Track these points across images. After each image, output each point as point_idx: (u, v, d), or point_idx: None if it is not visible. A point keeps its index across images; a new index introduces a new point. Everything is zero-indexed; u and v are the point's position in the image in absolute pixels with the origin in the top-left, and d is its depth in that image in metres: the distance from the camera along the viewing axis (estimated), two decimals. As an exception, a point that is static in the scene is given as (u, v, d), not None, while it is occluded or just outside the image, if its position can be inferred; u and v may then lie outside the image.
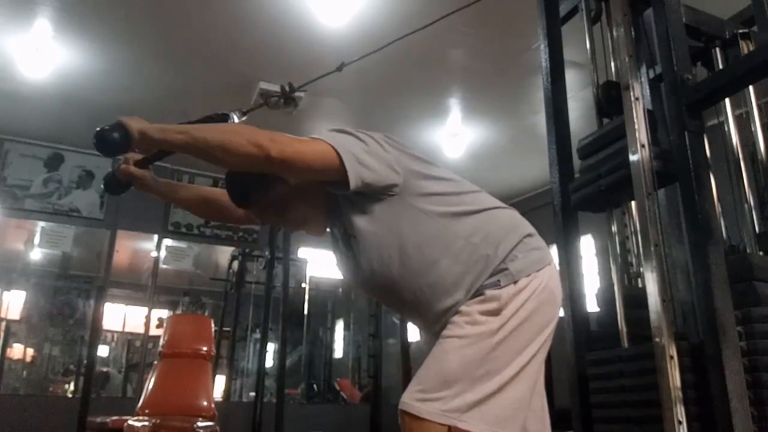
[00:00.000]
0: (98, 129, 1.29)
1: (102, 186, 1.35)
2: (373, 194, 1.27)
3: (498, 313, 1.22)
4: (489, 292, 1.24)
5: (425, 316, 1.33)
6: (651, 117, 1.82)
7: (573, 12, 2.32)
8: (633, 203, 1.98)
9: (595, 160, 1.98)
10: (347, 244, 1.35)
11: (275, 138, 1.22)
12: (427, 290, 1.28)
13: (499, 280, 1.24)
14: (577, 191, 1.99)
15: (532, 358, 1.23)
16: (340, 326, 7.70)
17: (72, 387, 6.16)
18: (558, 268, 1.38)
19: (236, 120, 1.47)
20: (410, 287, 1.29)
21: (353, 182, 1.21)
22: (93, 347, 4.21)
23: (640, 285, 1.91)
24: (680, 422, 1.45)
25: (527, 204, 5.93)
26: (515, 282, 1.24)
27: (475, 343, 1.20)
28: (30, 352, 6.38)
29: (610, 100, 1.99)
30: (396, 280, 1.29)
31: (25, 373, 6.36)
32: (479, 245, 1.27)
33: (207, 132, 1.30)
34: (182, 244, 5.73)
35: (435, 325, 1.32)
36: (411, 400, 1.17)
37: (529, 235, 1.32)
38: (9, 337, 6.09)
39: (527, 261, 1.27)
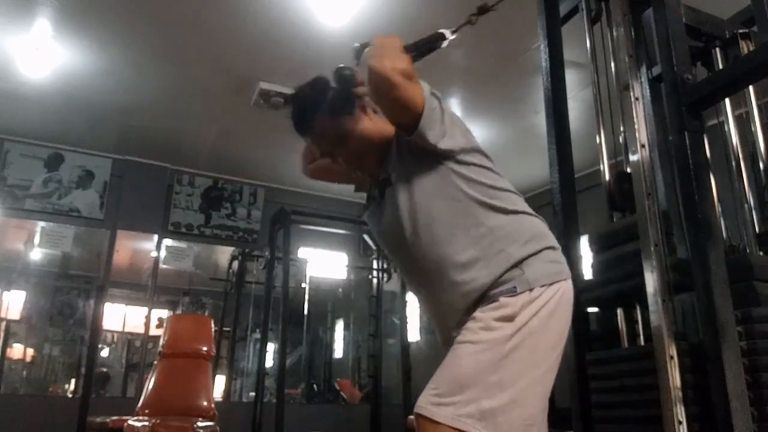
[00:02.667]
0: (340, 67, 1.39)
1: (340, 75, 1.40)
2: (430, 154, 1.32)
3: (512, 319, 1.23)
4: (504, 299, 1.25)
5: (435, 295, 1.35)
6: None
7: (573, 12, 2.32)
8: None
9: (607, 257, 1.96)
10: (382, 193, 1.40)
11: (407, 80, 1.24)
12: (438, 260, 1.31)
13: (515, 287, 1.25)
14: (588, 290, 1.95)
15: (546, 374, 1.24)
16: (340, 326, 7.70)
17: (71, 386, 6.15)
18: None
19: (449, 37, 1.51)
20: (424, 250, 1.33)
21: (425, 131, 1.27)
22: (93, 347, 4.21)
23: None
24: (680, 422, 1.45)
25: (528, 204, 5.91)
26: (530, 290, 1.25)
27: (488, 349, 1.21)
28: (30, 352, 6.38)
29: (623, 194, 1.91)
30: (414, 237, 1.34)
31: (25, 373, 6.36)
32: (499, 239, 1.29)
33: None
34: (182, 244, 5.73)
35: (447, 316, 1.34)
36: (426, 404, 1.18)
37: (552, 247, 1.35)
38: (9, 337, 6.09)
39: (544, 271, 1.29)
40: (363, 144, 1.38)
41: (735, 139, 2.22)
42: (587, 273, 2.07)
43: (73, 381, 6.27)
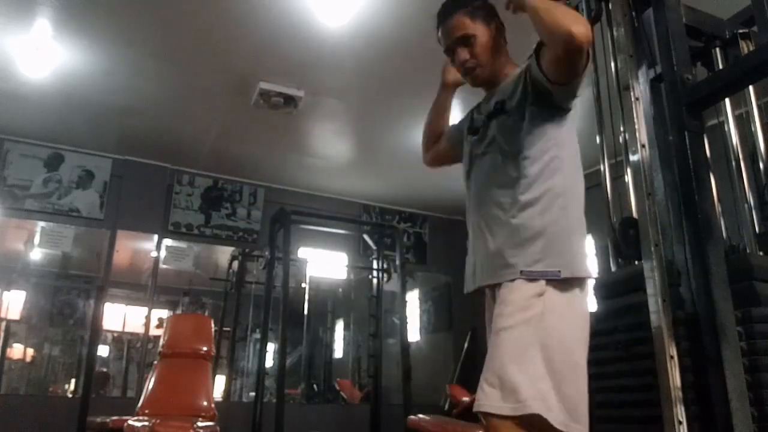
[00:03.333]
0: None
1: None
2: (552, 109, 1.46)
3: (544, 299, 1.31)
4: (542, 281, 1.32)
5: (489, 240, 1.44)
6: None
7: (573, 12, 2.32)
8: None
9: (613, 307, 1.95)
10: (484, 126, 1.58)
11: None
12: (506, 206, 1.42)
13: (559, 271, 1.33)
14: (593, 337, 1.93)
15: (582, 357, 1.34)
16: (340, 326, 7.70)
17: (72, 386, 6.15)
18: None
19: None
20: (497, 190, 1.45)
21: (569, 92, 1.44)
22: (93, 347, 4.21)
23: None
24: (680, 422, 1.45)
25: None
26: (571, 278, 1.33)
27: (525, 327, 1.29)
28: (30, 352, 6.37)
29: (628, 242, 1.87)
30: (495, 174, 1.47)
31: (25, 373, 6.35)
32: (565, 218, 1.38)
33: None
34: (182, 244, 5.73)
35: (491, 267, 1.42)
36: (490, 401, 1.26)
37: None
38: (9, 337, 6.08)
39: (584, 263, 1.38)
40: (483, 56, 1.59)
41: (735, 139, 2.22)
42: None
43: (73, 381, 6.26)
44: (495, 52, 1.62)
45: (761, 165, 2.15)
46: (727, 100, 2.17)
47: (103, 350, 6.62)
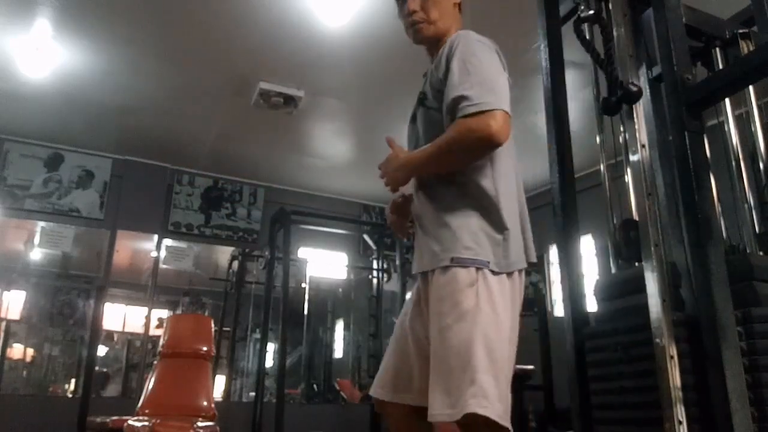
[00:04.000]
0: None
1: None
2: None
3: (476, 289, 1.32)
4: (465, 269, 1.34)
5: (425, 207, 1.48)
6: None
7: (573, 12, 2.32)
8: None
9: (613, 309, 1.95)
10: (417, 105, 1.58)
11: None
12: (434, 184, 1.47)
13: (488, 262, 1.35)
14: (592, 338, 1.93)
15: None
16: (340, 326, 7.69)
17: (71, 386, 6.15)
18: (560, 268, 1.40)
19: None
20: (425, 179, 1.50)
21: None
22: (93, 347, 4.21)
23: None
24: (680, 422, 1.44)
25: (527, 204, 5.89)
26: (498, 270, 1.36)
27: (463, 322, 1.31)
28: (30, 352, 6.37)
29: (629, 244, 1.86)
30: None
31: (25, 373, 6.35)
32: (479, 199, 1.41)
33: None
34: (182, 244, 5.73)
35: (423, 239, 1.45)
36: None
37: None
38: (9, 337, 6.08)
39: (514, 255, 1.40)
40: (432, 12, 1.57)
41: (735, 139, 2.22)
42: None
43: (73, 381, 6.26)
44: (444, 13, 1.59)
45: (761, 165, 2.15)
46: (727, 100, 2.17)
47: (102, 350, 6.62)
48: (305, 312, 6.69)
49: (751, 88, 2.18)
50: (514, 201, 1.49)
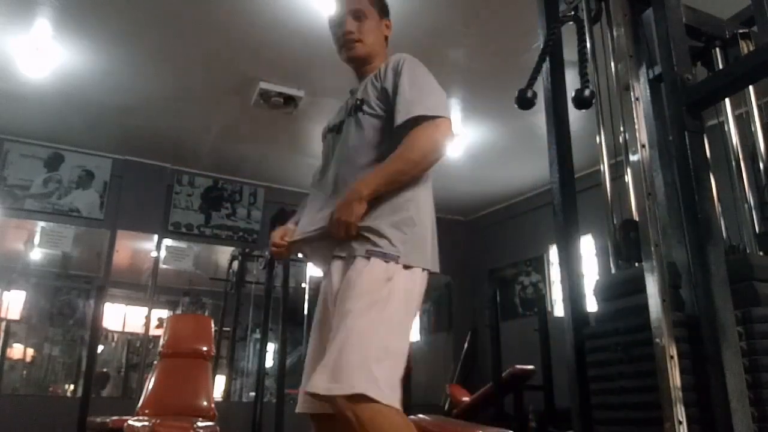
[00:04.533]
0: None
1: None
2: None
3: (390, 282, 1.40)
4: (382, 260, 1.41)
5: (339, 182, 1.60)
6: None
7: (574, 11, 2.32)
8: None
9: (613, 309, 1.93)
10: (349, 114, 1.71)
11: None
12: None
13: (398, 256, 1.42)
14: (592, 338, 1.93)
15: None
16: (340, 326, 7.70)
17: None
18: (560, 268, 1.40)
19: None
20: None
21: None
22: (93, 347, 4.21)
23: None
24: (680, 422, 1.44)
25: (527, 204, 5.93)
26: (409, 264, 1.44)
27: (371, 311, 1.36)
28: (30, 352, 6.37)
29: (629, 244, 1.83)
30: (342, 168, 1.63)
31: (25, 373, 6.36)
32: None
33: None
34: (182, 244, 5.73)
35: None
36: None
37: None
38: (9, 337, 6.09)
39: (419, 251, 1.48)
40: (367, 36, 1.73)
41: (735, 139, 2.22)
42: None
43: (73, 381, 6.26)
44: (377, 41, 1.75)
45: (761, 165, 2.15)
46: (727, 100, 2.17)
47: (101, 350, 6.62)
48: (305, 312, 6.70)
49: (751, 88, 2.17)
50: (431, 207, 1.59)
